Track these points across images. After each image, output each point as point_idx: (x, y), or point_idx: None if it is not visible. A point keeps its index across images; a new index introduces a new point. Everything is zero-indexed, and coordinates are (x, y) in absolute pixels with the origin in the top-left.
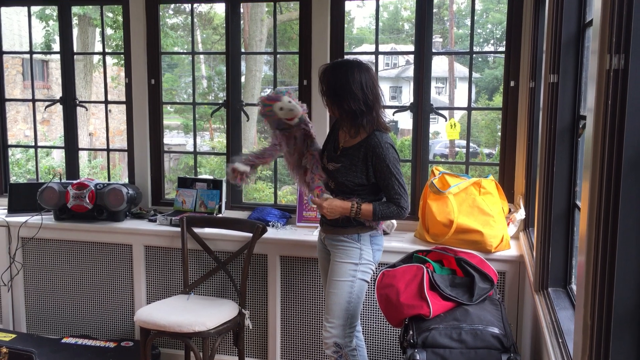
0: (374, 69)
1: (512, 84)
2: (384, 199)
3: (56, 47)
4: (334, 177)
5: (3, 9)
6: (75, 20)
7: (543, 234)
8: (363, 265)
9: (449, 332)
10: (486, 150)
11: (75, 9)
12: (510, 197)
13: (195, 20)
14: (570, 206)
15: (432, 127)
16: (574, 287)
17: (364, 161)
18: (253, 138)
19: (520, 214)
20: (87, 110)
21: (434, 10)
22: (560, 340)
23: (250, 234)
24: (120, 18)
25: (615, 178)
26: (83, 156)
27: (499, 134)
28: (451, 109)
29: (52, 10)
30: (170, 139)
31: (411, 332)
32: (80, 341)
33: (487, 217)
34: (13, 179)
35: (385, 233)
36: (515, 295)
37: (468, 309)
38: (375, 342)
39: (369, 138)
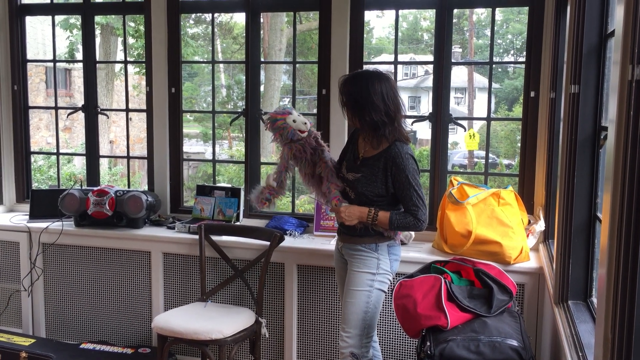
0: (393, 78)
1: (532, 94)
2: (402, 210)
3: (79, 56)
4: (353, 187)
5: (28, 18)
6: (97, 30)
7: (563, 246)
8: (380, 275)
9: (466, 344)
10: (505, 161)
11: (98, 19)
12: (529, 209)
13: (215, 29)
14: (591, 218)
15: (451, 138)
16: (594, 300)
17: (384, 171)
18: (271, 147)
19: (540, 226)
20: (108, 118)
21: (454, 21)
22: (580, 354)
23: (268, 243)
24: (141, 27)
25: (637, 190)
26: (103, 163)
27: (519, 144)
28: (470, 119)
29: (75, 20)
30: (190, 147)
31: (428, 343)
32: (98, 347)
33: (506, 228)
34: (35, 185)
35: (402, 243)
36: (534, 308)
37: (486, 321)
38: (392, 352)
39: (389, 148)
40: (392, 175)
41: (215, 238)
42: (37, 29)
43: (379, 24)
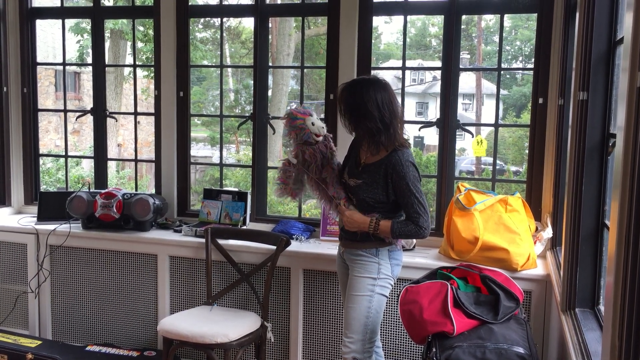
0: (398, 85)
1: (540, 101)
2: (404, 217)
3: (89, 60)
4: (355, 193)
5: (38, 21)
6: (107, 34)
7: (571, 254)
8: (381, 280)
9: (472, 351)
10: (513, 168)
11: (109, 25)
12: (537, 215)
13: (224, 34)
14: (599, 225)
15: (459, 144)
16: (601, 307)
17: (384, 178)
18: (278, 151)
19: (548, 233)
20: (116, 121)
21: (462, 27)
22: None
23: (274, 247)
24: (150, 32)
25: None
26: (111, 166)
27: (527, 151)
28: (478, 125)
29: (86, 24)
30: (197, 151)
31: (434, 350)
32: (104, 349)
33: (513, 234)
34: (43, 187)
35: (404, 249)
36: (541, 315)
37: (493, 328)
38: (397, 359)
39: (390, 155)
40: (392, 182)
41: (221, 242)
42: (47, 32)
43: (387, 29)
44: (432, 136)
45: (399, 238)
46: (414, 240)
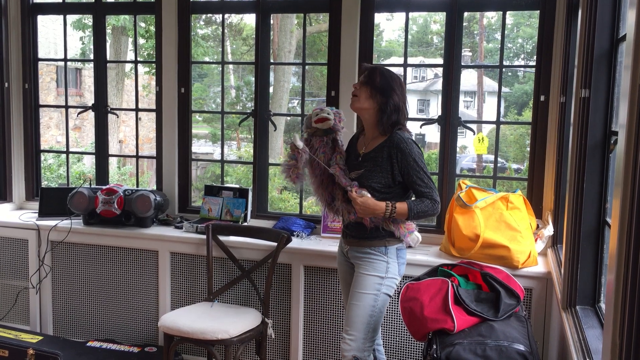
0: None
1: (542, 98)
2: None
3: (91, 56)
4: (359, 184)
5: (39, 17)
6: (108, 30)
7: (572, 251)
8: (389, 279)
9: (473, 348)
10: (514, 166)
11: (111, 21)
12: (538, 213)
13: (225, 30)
14: (600, 223)
15: (460, 141)
16: (602, 305)
17: (388, 160)
18: (280, 148)
19: (549, 230)
20: (117, 117)
21: (464, 24)
22: None
23: (275, 244)
24: (152, 28)
25: None
26: (113, 162)
27: (528, 149)
28: (479, 122)
29: (88, 20)
30: (198, 147)
31: (435, 347)
32: (105, 345)
33: (514, 232)
34: (45, 183)
35: (409, 247)
36: (542, 313)
37: (493, 325)
38: (397, 356)
39: (391, 137)
40: (398, 162)
41: (222, 238)
42: (48, 28)
43: (389, 26)
44: (433, 133)
45: (416, 218)
46: (420, 239)
